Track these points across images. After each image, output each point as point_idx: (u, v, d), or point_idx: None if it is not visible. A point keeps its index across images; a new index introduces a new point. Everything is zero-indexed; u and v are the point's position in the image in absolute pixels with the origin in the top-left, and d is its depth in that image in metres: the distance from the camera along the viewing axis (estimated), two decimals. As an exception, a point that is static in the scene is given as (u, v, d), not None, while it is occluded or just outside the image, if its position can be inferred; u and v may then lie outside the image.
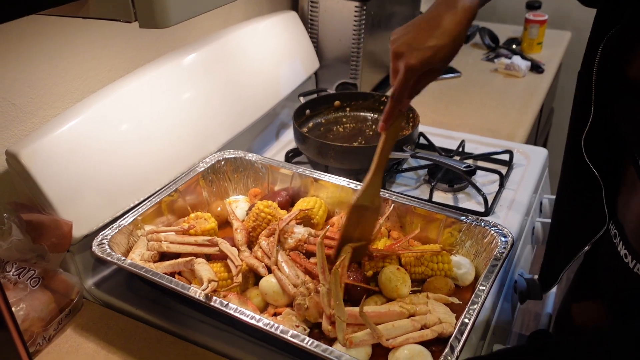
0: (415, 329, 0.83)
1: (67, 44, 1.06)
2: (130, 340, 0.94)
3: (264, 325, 0.80)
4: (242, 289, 0.96)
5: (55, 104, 1.07)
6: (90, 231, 1.00)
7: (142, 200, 1.08)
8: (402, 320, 0.83)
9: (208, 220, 1.05)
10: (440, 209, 1.04)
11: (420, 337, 0.82)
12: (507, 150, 1.37)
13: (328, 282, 0.84)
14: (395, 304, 0.87)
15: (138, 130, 1.11)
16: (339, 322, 0.79)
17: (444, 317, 0.85)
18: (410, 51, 0.81)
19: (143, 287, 1.01)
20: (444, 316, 0.85)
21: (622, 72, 0.74)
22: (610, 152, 0.84)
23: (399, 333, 0.81)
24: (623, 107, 0.77)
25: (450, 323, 0.85)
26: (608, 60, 0.76)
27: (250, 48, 1.42)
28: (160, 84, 1.18)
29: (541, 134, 2.20)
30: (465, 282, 0.96)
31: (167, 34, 1.30)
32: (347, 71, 1.66)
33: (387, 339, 0.80)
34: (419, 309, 0.85)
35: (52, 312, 0.93)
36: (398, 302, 0.87)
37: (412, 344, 0.81)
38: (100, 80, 1.15)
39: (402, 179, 1.34)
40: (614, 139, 0.82)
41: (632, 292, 0.85)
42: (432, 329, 0.83)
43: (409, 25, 0.84)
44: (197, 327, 0.94)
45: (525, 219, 1.21)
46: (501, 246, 0.94)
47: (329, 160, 1.27)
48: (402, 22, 1.86)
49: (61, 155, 0.98)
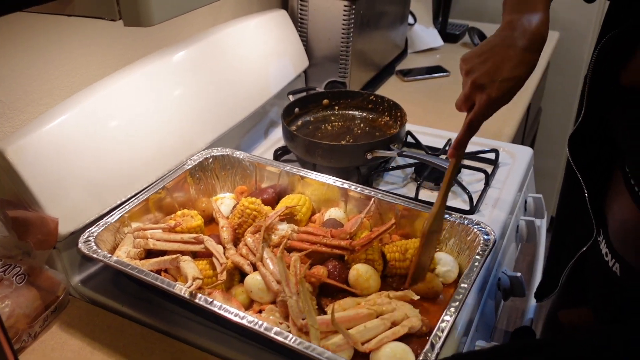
0: (386, 328, 0.84)
1: (56, 41, 1.07)
2: (116, 337, 0.94)
3: (248, 322, 0.81)
4: (227, 287, 0.97)
5: (42, 101, 1.07)
6: (77, 228, 1.00)
7: (129, 198, 1.08)
8: (373, 321, 0.84)
9: (194, 217, 1.06)
10: (426, 207, 1.05)
11: (393, 334, 0.83)
12: (492, 149, 1.38)
13: (294, 292, 0.85)
14: (362, 305, 0.88)
15: (126, 128, 1.11)
16: (313, 330, 0.80)
17: (410, 312, 0.87)
18: (491, 83, 0.82)
19: (129, 284, 1.02)
20: (409, 311, 0.87)
21: (615, 77, 0.75)
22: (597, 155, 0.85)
23: (372, 334, 0.82)
24: (614, 112, 0.78)
25: (417, 317, 0.87)
26: (602, 64, 0.77)
27: (239, 46, 1.43)
28: (149, 81, 1.18)
29: (528, 133, 2.22)
30: (448, 280, 0.98)
31: (156, 31, 1.31)
32: (336, 70, 1.66)
33: (362, 343, 0.81)
34: (385, 308, 0.87)
35: (37, 309, 0.94)
36: (364, 304, 0.88)
37: (393, 342, 0.82)
38: (89, 78, 1.15)
39: (389, 177, 1.35)
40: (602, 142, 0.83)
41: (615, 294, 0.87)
42: (402, 324, 0.84)
43: (484, 52, 0.84)
44: (182, 324, 0.95)
45: (509, 217, 1.22)
46: (484, 244, 0.95)
47: (317, 158, 1.28)
48: (390, 22, 1.88)
49: (48, 152, 0.98)
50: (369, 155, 1.26)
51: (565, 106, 2.54)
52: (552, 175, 2.71)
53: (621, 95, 0.75)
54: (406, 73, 1.94)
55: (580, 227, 0.91)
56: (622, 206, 0.81)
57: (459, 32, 2.28)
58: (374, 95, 1.48)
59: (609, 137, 0.81)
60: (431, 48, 2.18)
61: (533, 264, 1.27)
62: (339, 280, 0.95)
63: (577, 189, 0.87)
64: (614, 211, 0.84)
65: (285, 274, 0.87)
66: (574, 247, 0.95)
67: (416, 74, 1.95)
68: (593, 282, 0.94)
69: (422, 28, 2.17)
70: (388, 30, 1.89)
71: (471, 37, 2.19)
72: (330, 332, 0.83)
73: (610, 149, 0.83)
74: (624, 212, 0.80)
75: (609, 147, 0.82)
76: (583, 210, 0.88)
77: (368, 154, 1.26)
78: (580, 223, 0.91)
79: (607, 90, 0.77)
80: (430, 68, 2.00)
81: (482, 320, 1.04)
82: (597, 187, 0.87)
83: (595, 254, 0.90)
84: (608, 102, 0.78)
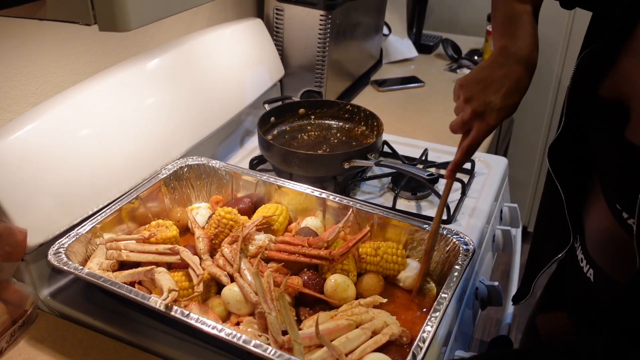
0: (367, 337, 0.84)
1: (24, 46, 1.03)
2: (88, 352, 0.91)
3: (226, 335, 0.79)
4: (203, 299, 0.95)
5: (10, 108, 1.04)
6: (46, 239, 0.97)
7: (102, 208, 1.05)
8: (354, 331, 0.84)
9: (169, 228, 1.03)
10: (403, 217, 1.05)
11: (375, 343, 0.83)
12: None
13: (273, 308, 0.83)
14: (341, 317, 0.87)
15: (98, 136, 1.08)
16: (297, 346, 0.79)
17: (388, 320, 0.87)
18: (490, 111, 0.87)
19: (101, 297, 0.99)
20: (388, 319, 0.87)
21: (594, 89, 0.76)
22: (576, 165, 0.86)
23: (355, 345, 0.82)
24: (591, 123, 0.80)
25: (396, 324, 0.87)
26: (582, 76, 0.79)
27: (214, 54, 1.41)
28: (121, 88, 1.16)
29: (502, 143, 2.25)
30: (407, 286, 0.99)
31: (129, 38, 1.28)
32: (312, 79, 1.66)
33: (345, 355, 0.80)
34: (363, 317, 0.86)
35: (4, 324, 0.90)
36: (342, 315, 0.87)
37: (374, 353, 0.81)
38: (59, 84, 1.12)
39: (366, 187, 1.34)
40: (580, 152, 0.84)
41: (590, 300, 0.88)
42: (383, 332, 0.84)
43: (482, 79, 0.88)
44: (157, 338, 0.92)
45: (486, 226, 1.23)
46: (463, 254, 0.95)
47: (294, 167, 1.27)
48: (366, 33, 1.89)
49: (16, 161, 0.95)
50: (346, 164, 1.25)
51: (536, 117, 2.59)
52: (524, 184, 2.75)
53: (599, 106, 0.76)
54: (381, 83, 1.95)
55: (558, 235, 0.92)
56: (598, 214, 0.82)
57: (432, 43, 2.30)
58: (350, 105, 1.48)
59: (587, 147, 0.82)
60: (406, 59, 2.19)
61: (509, 272, 1.27)
62: (315, 290, 0.94)
63: (557, 198, 0.88)
64: (591, 219, 0.85)
65: (263, 290, 0.85)
66: (551, 254, 0.96)
67: (391, 84, 1.96)
68: (570, 287, 0.95)
69: (396, 39, 2.19)
70: (363, 41, 1.90)
71: (445, 48, 2.21)
72: (312, 346, 0.82)
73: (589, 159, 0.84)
74: (600, 219, 0.81)
75: (587, 157, 0.84)
76: (561, 218, 0.89)
77: (345, 163, 1.25)
78: (558, 230, 0.92)
79: (585, 102, 0.78)
80: (405, 78, 2.01)
81: (460, 330, 1.04)
82: (575, 195, 0.88)
83: (572, 261, 0.91)
84: (586, 114, 0.79)
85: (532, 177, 2.73)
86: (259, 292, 0.85)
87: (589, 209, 0.86)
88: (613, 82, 0.73)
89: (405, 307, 0.96)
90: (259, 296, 0.85)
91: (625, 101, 0.71)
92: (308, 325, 0.87)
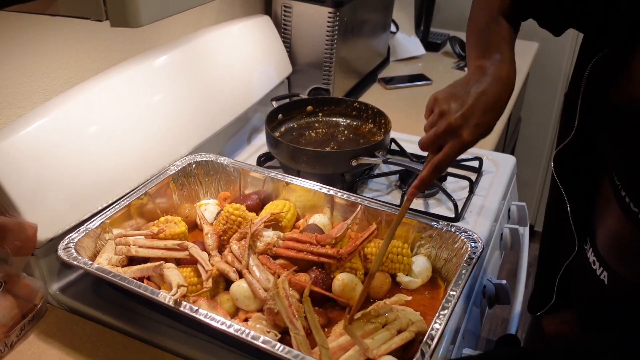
0: (393, 336, 0.83)
1: (35, 42, 1.04)
2: (97, 346, 0.91)
3: (235, 331, 0.79)
4: (212, 294, 0.95)
5: (20, 104, 1.04)
6: (56, 234, 0.97)
7: (111, 203, 1.06)
8: (379, 332, 0.83)
9: (178, 224, 1.04)
10: (411, 214, 1.05)
11: (402, 340, 0.82)
12: (476, 157, 1.39)
13: (300, 328, 0.82)
14: (365, 323, 0.85)
15: (107, 132, 1.09)
16: (324, 351, 0.78)
17: (413, 318, 0.86)
18: (467, 127, 0.80)
19: (110, 292, 0.99)
20: (413, 317, 0.87)
21: (606, 96, 0.76)
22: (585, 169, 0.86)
23: (380, 343, 0.81)
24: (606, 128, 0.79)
25: (422, 320, 0.86)
26: (594, 84, 0.78)
27: (222, 51, 1.41)
28: (130, 85, 1.16)
29: (509, 142, 2.25)
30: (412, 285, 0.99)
31: (138, 35, 1.29)
32: (320, 76, 1.66)
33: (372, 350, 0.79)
34: (387, 317, 0.86)
35: (14, 318, 0.90)
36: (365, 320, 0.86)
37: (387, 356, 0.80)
38: (68, 81, 1.13)
39: (374, 185, 1.34)
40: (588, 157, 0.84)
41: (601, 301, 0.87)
42: (409, 330, 0.83)
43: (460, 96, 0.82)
44: (166, 333, 0.92)
45: (494, 225, 1.23)
46: (471, 251, 0.95)
47: (301, 164, 1.27)
48: (373, 30, 1.89)
49: (26, 156, 0.95)
50: (354, 162, 1.25)
51: (544, 115, 2.58)
52: (532, 183, 2.74)
53: (612, 111, 0.76)
54: (388, 81, 1.95)
55: (565, 241, 0.92)
56: (610, 216, 0.82)
57: (440, 41, 2.30)
58: (358, 103, 1.48)
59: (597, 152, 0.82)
60: (413, 56, 2.19)
61: (516, 271, 1.27)
62: (323, 289, 0.94)
63: (561, 203, 0.88)
64: (602, 221, 0.85)
65: (287, 311, 0.83)
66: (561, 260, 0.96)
67: (398, 81, 1.95)
68: (580, 289, 0.95)
69: (404, 37, 2.19)
70: (371, 38, 1.90)
71: (452, 46, 2.21)
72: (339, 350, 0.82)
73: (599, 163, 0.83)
74: (613, 222, 0.81)
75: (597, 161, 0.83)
76: (567, 225, 0.89)
77: (353, 160, 1.25)
78: (564, 236, 0.92)
79: (598, 107, 0.78)
80: (412, 76, 2.01)
81: (468, 328, 1.04)
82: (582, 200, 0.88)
83: (582, 263, 0.91)
84: (599, 119, 0.79)
85: (539, 175, 2.72)
86: (283, 312, 0.82)
87: (600, 212, 0.85)
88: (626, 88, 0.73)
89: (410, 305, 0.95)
90: (284, 317, 0.82)
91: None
92: (338, 333, 0.85)
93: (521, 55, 2.19)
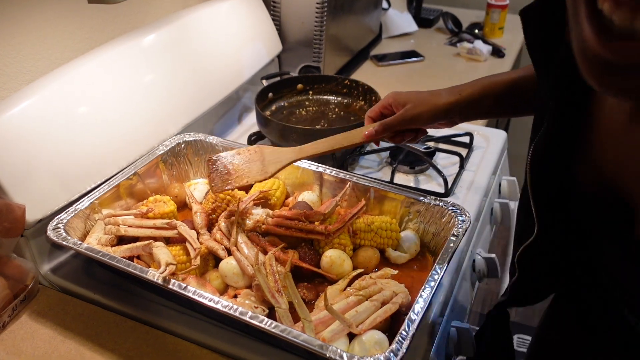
0: (377, 308, 0.83)
1: (18, 23, 1.03)
2: (88, 325, 0.92)
3: (223, 307, 0.80)
4: (201, 272, 0.95)
5: (6, 85, 1.04)
6: (45, 215, 0.98)
7: (99, 184, 1.06)
8: (363, 305, 0.83)
9: (167, 203, 1.04)
10: (400, 190, 1.05)
11: (385, 312, 0.82)
12: (467, 133, 1.39)
13: (283, 301, 0.83)
14: (349, 294, 0.86)
15: (94, 112, 1.08)
16: (307, 324, 0.79)
17: (397, 289, 0.87)
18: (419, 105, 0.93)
19: (101, 271, 1.00)
20: (396, 288, 0.87)
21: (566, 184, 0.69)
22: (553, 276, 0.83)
23: (364, 317, 0.82)
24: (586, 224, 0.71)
25: (405, 292, 0.87)
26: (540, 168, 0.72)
27: (211, 30, 1.40)
28: (117, 64, 1.15)
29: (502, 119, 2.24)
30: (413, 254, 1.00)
31: (124, 13, 1.27)
32: (310, 54, 1.65)
33: (356, 325, 0.80)
34: (371, 290, 0.86)
35: (5, 299, 0.91)
36: (351, 290, 0.87)
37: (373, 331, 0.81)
38: (54, 61, 1.12)
39: (365, 161, 1.34)
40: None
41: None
42: (393, 302, 0.84)
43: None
44: (156, 311, 0.93)
45: (484, 199, 1.23)
46: (459, 225, 0.96)
47: (292, 143, 1.26)
48: (364, 7, 1.87)
49: (13, 138, 0.95)
50: (344, 139, 1.25)
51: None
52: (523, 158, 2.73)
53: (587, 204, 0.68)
54: (381, 58, 1.94)
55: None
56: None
57: (433, 17, 2.28)
58: (349, 80, 1.47)
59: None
60: (405, 33, 2.17)
61: (507, 246, 1.28)
62: (312, 265, 0.94)
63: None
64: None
65: (268, 285, 0.83)
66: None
67: (391, 58, 1.94)
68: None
69: (396, 13, 2.17)
70: (362, 15, 1.88)
71: (445, 22, 2.19)
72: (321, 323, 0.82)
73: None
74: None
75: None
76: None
77: (343, 138, 1.25)
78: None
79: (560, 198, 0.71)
80: (404, 53, 1.99)
81: (457, 301, 1.05)
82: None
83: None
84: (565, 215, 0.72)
85: (533, 151, 2.71)
86: (264, 287, 0.83)
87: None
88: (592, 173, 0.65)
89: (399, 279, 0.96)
90: (265, 292, 0.83)
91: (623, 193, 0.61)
92: (321, 307, 0.86)
93: (515, 30, 2.17)
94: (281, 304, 0.82)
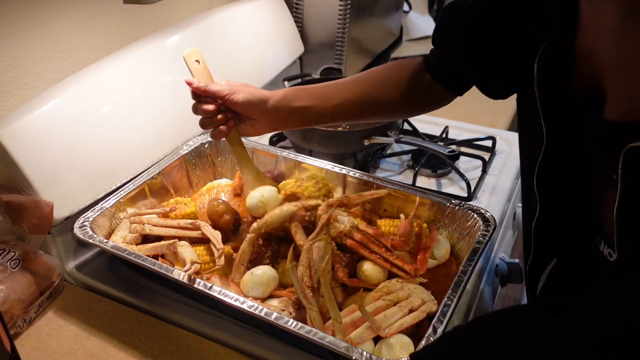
0: (404, 314, 0.83)
1: (48, 22, 1.04)
2: (112, 322, 0.93)
3: (248, 307, 0.80)
4: (224, 273, 0.96)
5: (35, 84, 1.05)
6: (72, 213, 0.99)
7: (125, 183, 1.07)
8: (391, 309, 0.83)
9: (188, 204, 1.05)
10: (424, 193, 1.05)
11: (413, 319, 0.82)
12: (490, 137, 1.38)
13: (314, 302, 0.82)
14: (377, 299, 0.86)
15: (120, 112, 1.09)
16: (337, 325, 0.79)
17: (425, 297, 0.86)
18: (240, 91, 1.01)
19: (125, 269, 1.01)
20: (425, 296, 0.87)
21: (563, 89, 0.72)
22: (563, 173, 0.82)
23: (392, 321, 0.81)
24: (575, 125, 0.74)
25: (433, 301, 0.86)
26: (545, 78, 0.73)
27: (234, 31, 1.41)
28: (143, 64, 1.16)
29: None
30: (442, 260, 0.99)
31: (150, 14, 1.29)
32: (332, 56, 1.65)
33: (384, 329, 0.80)
34: (400, 295, 0.86)
35: (32, 295, 0.92)
36: (378, 297, 0.86)
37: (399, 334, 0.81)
38: (81, 61, 1.13)
39: (386, 165, 1.34)
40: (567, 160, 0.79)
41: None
42: (421, 309, 0.83)
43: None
44: (180, 310, 0.94)
45: (507, 204, 1.22)
46: (483, 230, 0.95)
47: (313, 144, 1.27)
48: (386, 9, 1.87)
49: (41, 136, 0.96)
50: (366, 141, 1.25)
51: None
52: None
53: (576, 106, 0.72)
54: (401, 61, 1.93)
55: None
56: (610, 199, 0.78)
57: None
58: (371, 82, 1.47)
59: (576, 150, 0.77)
60: (426, 36, 2.16)
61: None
62: (350, 271, 0.93)
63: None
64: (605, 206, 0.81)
65: (301, 286, 0.83)
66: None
67: (411, 61, 1.93)
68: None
69: (417, 16, 2.16)
70: (383, 18, 1.88)
71: (466, 26, 2.18)
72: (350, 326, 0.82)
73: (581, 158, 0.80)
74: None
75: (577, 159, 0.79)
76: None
77: (365, 140, 1.25)
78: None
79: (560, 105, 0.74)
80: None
81: (480, 306, 1.04)
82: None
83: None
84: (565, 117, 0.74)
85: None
86: (297, 287, 0.82)
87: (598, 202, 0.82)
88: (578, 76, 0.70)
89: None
90: (297, 291, 0.83)
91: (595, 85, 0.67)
92: (351, 309, 0.85)
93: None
94: (313, 304, 0.82)
